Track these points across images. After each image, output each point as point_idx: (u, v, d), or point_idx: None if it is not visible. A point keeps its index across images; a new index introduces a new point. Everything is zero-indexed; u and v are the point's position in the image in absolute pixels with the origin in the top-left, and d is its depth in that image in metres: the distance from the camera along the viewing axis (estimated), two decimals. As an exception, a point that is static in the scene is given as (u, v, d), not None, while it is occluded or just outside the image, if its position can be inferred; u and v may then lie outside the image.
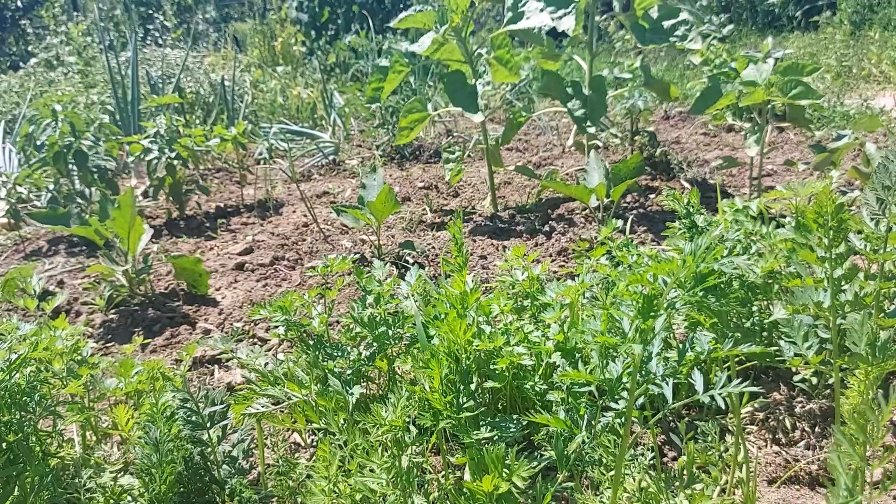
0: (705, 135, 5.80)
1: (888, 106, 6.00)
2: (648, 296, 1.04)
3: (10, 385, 1.25)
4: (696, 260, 1.02)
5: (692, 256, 1.02)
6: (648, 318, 1.04)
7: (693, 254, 1.03)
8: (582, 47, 4.58)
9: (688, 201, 1.69)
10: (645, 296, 1.04)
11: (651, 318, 1.04)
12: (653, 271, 1.04)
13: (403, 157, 5.80)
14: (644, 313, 1.04)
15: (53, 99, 4.66)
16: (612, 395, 1.17)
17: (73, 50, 10.15)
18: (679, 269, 1.02)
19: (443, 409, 1.26)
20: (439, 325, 1.39)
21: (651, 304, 1.03)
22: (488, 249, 3.57)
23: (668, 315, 1.05)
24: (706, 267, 1.05)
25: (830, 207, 1.08)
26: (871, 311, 1.35)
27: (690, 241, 1.03)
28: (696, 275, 1.03)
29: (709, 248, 1.07)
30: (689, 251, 1.03)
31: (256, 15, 11.82)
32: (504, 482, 1.13)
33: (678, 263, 1.02)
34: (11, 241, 4.28)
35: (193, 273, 3.22)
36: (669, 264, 1.02)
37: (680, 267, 1.02)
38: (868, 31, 9.58)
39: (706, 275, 1.04)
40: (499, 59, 3.92)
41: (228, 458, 1.53)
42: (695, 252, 1.03)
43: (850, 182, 4.04)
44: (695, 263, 1.01)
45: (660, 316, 1.04)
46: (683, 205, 1.67)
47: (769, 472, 1.88)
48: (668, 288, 1.04)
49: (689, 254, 1.02)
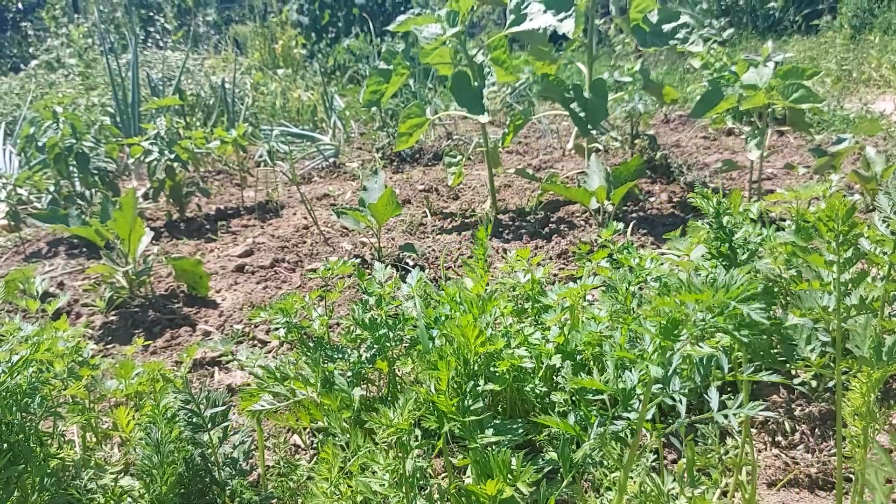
0: (705, 138, 5.80)
1: (888, 110, 6.01)
2: (673, 319, 1.03)
3: (12, 386, 1.25)
4: (729, 296, 1.01)
5: (724, 290, 1.01)
6: (670, 339, 1.04)
7: (726, 287, 1.02)
8: (581, 51, 4.58)
9: (718, 200, 1.64)
10: (670, 318, 1.03)
11: (672, 340, 1.04)
12: (681, 298, 1.03)
13: (403, 160, 5.81)
14: (667, 334, 1.04)
15: (54, 101, 4.66)
16: (624, 406, 1.17)
17: (73, 52, 10.15)
18: (709, 300, 1.01)
19: (449, 411, 1.26)
20: (450, 326, 1.39)
21: (675, 326, 1.03)
22: (488, 252, 3.57)
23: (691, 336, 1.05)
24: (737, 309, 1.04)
25: (842, 210, 1.08)
26: (876, 314, 1.35)
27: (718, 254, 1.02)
28: (723, 304, 1.02)
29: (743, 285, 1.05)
30: (721, 283, 1.02)
31: (257, 18, 11.83)
32: (508, 487, 1.13)
33: (709, 294, 1.01)
34: (11, 242, 4.28)
35: (194, 275, 3.22)
36: (699, 295, 1.01)
37: (710, 299, 1.02)
38: (868, 35, 9.60)
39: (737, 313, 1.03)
40: (495, 60, 3.93)
41: (229, 459, 1.53)
42: (728, 286, 1.02)
43: (849, 186, 4.04)
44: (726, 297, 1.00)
45: (682, 338, 1.04)
46: (713, 204, 1.63)
47: (769, 474, 1.88)
48: (692, 313, 1.04)
49: (721, 286, 1.01)
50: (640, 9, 3.97)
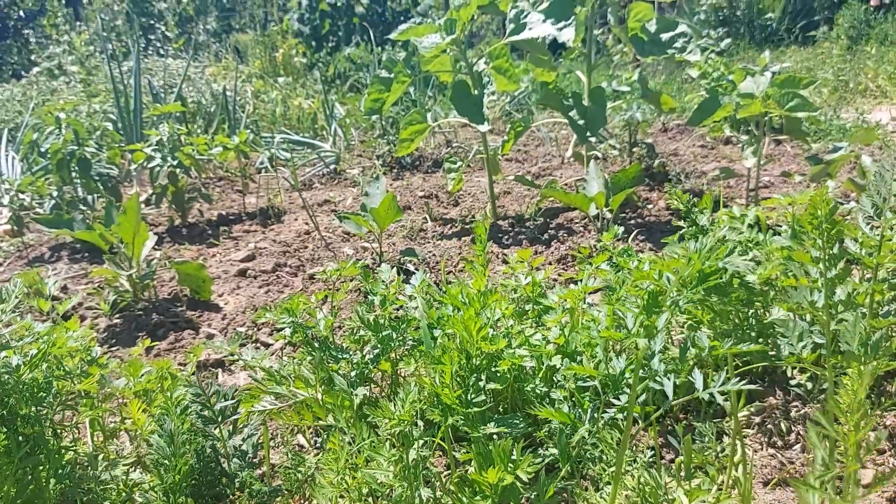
0: (703, 147, 5.86)
1: (884, 120, 6.07)
2: (653, 292, 1.07)
3: (28, 380, 1.28)
4: (701, 259, 1.05)
5: (697, 255, 1.06)
6: (653, 313, 1.08)
7: (698, 252, 1.07)
8: (580, 60, 4.64)
9: (689, 200, 1.72)
10: (650, 292, 1.07)
11: (655, 315, 1.08)
12: (658, 268, 1.08)
13: (404, 167, 5.86)
14: (648, 309, 1.08)
15: (57, 107, 4.70)
16: (614, 390, 1.21)
17: (75, 59, 10.21)
18: (684, 266, 1.06)
19: (452, 403, 1.30)
20: (453, 320, 1.43)
21: (656, 300, 1.07)
22: (488, 257, 3.61)
23: (672, 312, 1.09)
24: (710, 266, 1.09)
25: (825, 209, 1.13)
26: (865, 311, 1.39)
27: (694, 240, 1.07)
28: (700, 273, 1.07)
29: (712, 248, 1.11)
30: (693, 250, 1.07)
31: (258, 26, 11.91)
32: (509, 475, 1.16)
33: (683, 261, 1.06)
34: (14, 247, 4.32)
35: (197, 279, 3.25)
36: (674, 261, 1.06)
37: (685, 265, 1.06)
38: (865, 46, 9.68)
39: (709, 273, 1.08)
40: (497, 69, 3.98)
41: (239, 451, 1.57)
42: (699, 251, 1.07)
43: (846, 194, 4.09)
44: (699, 262, 1.05)
45: (664, 312, 1.08)
46: (685, 203, 1.71)
47: (765, 473, 1.91)
48: (672, 285, 1.08)
49: (693, 252, 1.06)
50: (638, 18, 4.03)
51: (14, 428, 1.30)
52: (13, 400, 1.30)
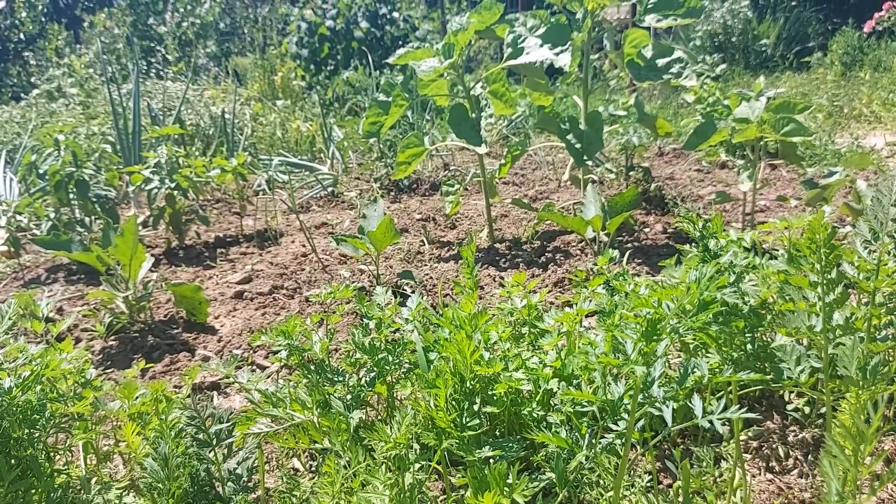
0: (699, 171, 5.88)
1: (878, 145, 6.11)
2: (652, 319, 1.07)
3: (21, 402, 1.27)
4: (701, 288, 1.05)
5: (696, 284, 1.06)
6: (652, 341, 1.07)
7: (698, 281, 1.07)
8: (577, 84, 4.67)
9: (702, 224, 1.72)
10: (649, 319, 1.07)
11: (654, 342, 1.07)
12: (657, 296, 1.08)
13: (401, 190, 5.87)
14: (648, 336, 1.07)
15: (55, 129, 4.72)
16: (613, 416, 1.20)
17: (75, 82, 10.26)
18: (683, 295, 1.06)
19: (447, 427, 1.29)
20: (446, 345, 1.43)
21: (655, 327, 1.07)
22: (485, 280, 3.61)
23: (671, 339, 1.09)
24: (709, 295, 1.09)
25: (823, 234, 1.13)
26: (863, 335, 1.39)
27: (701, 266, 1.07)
28: (700, 301, 1.06)
29: (712, 277, 1.11)
30: (693, 279, 1.07)
31: (257, 50, 11.98)
32: (505, 499, 1.15)
33: (682, 290, 1.06)
34: (10, 268, 4.31)
35: (193, 301, 3.24)
36: (673, 290, 1.06)
37: (684, 293, 1.06)
38: (859, 72, 9.77)
39: (709, 302, 1.08)
40: (494, 93, 4.00)
41: (233, 475, 1.55)
42: (699, 280, 1.07)
43: (841, 218, 4.10)
44: (699, 291, 1.05)
45: (663, 340, 1.07)
46: (698, 227, 1.70)
47: (762, 499, 1.90)
48: (671, 312, 1.08)
49: (693, 281, 1.06)
50: (634, 44, 4.06)
51: (6, 451, 1.29)
52: (6, 422, 1.29)
